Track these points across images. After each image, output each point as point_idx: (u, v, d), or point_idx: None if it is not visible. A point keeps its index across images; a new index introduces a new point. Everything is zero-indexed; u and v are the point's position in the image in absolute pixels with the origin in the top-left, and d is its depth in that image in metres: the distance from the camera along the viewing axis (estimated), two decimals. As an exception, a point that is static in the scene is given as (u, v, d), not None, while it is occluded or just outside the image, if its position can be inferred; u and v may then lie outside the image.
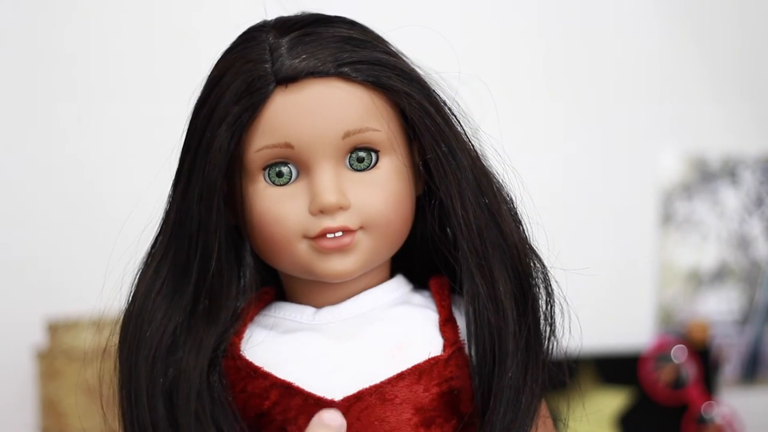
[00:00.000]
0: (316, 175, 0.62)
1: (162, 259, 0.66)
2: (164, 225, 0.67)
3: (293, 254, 0.63)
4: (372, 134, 0.62)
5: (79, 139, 1.34)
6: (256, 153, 0.62)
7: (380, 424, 0.62)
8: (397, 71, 0.63)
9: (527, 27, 1.45)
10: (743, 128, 1.52)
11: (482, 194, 0.64)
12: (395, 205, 0.64)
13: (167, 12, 1.33)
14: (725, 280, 1.55)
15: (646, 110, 1.49)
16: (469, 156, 0.64)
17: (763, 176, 1.54)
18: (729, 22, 1.51)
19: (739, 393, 1.55)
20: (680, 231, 1.52)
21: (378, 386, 0.62)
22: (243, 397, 0.64)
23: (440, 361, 0.64)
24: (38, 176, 1.35)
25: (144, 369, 0.64)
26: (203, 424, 0.62)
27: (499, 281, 0.63)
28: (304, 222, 0.62)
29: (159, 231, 0.67)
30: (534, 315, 0.64)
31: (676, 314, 1.53)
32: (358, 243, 0.63)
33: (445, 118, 0.64)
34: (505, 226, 0.64)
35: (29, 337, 1.30)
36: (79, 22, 1.32)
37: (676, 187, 1.52)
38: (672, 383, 1.47)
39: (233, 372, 0.65)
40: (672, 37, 1.48)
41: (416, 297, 0.68)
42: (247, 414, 0.64)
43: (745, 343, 1.56)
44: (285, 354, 0.65)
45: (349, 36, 0.63)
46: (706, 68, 1.50)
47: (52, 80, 1.33)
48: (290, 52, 0.61)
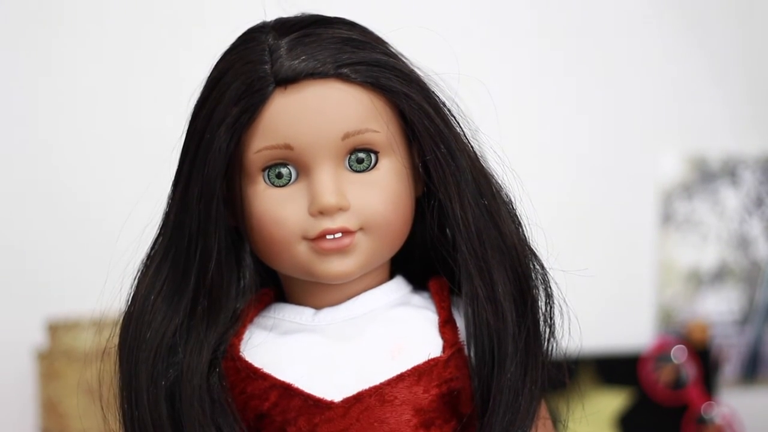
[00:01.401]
0: (316, 176, 0.62)
1: (162, 261, 0.66)
2: (164, 226, 0.67)
3: (293, 255, 0.63)
4: (371, 135, 0.62)
5: (79, 139, 1.34)
6: (256, 154, 0.62)
7: (380, 425, 0.62)
8: (396, 72, 0.63)
9: (527, 27, 1.45)
10: (743, 128, 1.52)
11: (481, 195, 0.64)
12: (394, 206, 0.63)
13: (167, 12, 1.33)
14: (725, 280, 1.55)
15: (647, 110, 1.49)
16: (468, 157, 0.64)
17: (763, 176, 1.54)
18: (729, 22, 1.51)
19: (739, 393, 1.55)
20: (680, 231, 1.52)
21: (377, 387, 0.62)
22: (243, 398, 0.64)
23: (440, 362, 0.64)
24: (38, 176, 1.35)
25: (144, 371, 0.64)
26: (204, 426, 0.62)
27: (498, 282, 0.63)
28: (304, 223, 0.62)
29: (159, 232, 0.68)
30: (533, 316, 0.64)
31: (676, 314, 1.53)
32: (358, 244, 0.63)
33: (445, 119, 0.64)
34: (504, 228, 0.64)
35: (29, 337, 1.31)
36: (78, 23, 1.32)
37: (676, 187, 1.52)
38: (672, 383, 1.47)
39: (233, 373, 0.65)
40: (672, 37, 1.48)
41: (416, 298, 0.68)
42: (247, 415, 0.64)
43: (745, 343, 1.56)
44: (285, 355, 0.65)
45: (348, 37, 0.63)
46: (706, 68, 1.50)
47: (53, 80, 1.33)
48: (290, 53, 0.61)
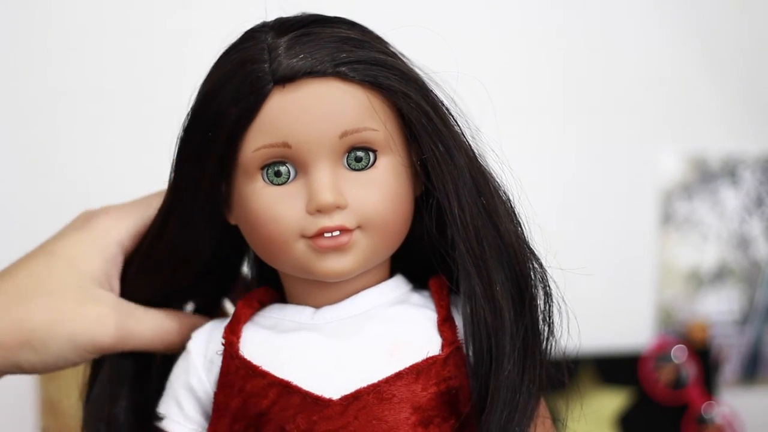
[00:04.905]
0: (314, 175, 0.62)
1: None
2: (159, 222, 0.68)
3: (291, 253, 0.63)
4: (370, 134, 0.63)
5: (79, 140, 1.34)
6: (254, 153, 0.62)
7: (378, 423, 0.62)
8: (395, 71, 0.63)
9: (527, 27, 1.45)
10: (743, 128, 1.52)
11: (479, 194, 0.64)
12: (393, 205, 0.64)
13: (166, 12, 1.33)
14: (725, 280, 1.55)
15: (646, 110, 1.49)
16: (466, 156, 0.64)
17: (763, 176, 1.54)
18: (729, 22, 1.51)
19: (739, 393, 1.55)
20: (680, 231, 1.53)
21: (375, 385, 0.62)
22: (242, 396, 0.65)
23: (438, 360, 0.64)
24: (38, 176, 1.35)
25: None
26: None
27: (496, 281, 0.63)
28: (302, 221, 0.62)
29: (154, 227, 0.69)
30: (532, 315, 0.64)
31: (676, 314, 1.53)
32: (356, 242, 0.63)
33: (443, 117, 0.64)
34: (503, 226, 0.64)
35: (29, 337, 1.30)
36: (76, 22, 1.32)
37: (676, 187, 1.52)
38: (672, 383, 1.47)
39: (232, 371, 0.65)
40: (672, 37, 1.48)
41: (415, 296, 0.68)
42: (246, 413, 0.64)
43: (745, 343, 1.56)
44: (284, 353, 0.65)
45: (347, 36, 0.63)
46: (706, 68, 1.50)
47: (53, 79, 1.33)
48: (288, 51, 0.61)
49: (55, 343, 0.67)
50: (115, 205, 0.73)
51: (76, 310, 0.67)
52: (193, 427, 0.69)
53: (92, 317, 0.68)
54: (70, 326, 0.67)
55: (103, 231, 0.71)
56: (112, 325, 0.68)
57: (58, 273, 0.68)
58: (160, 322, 0.71)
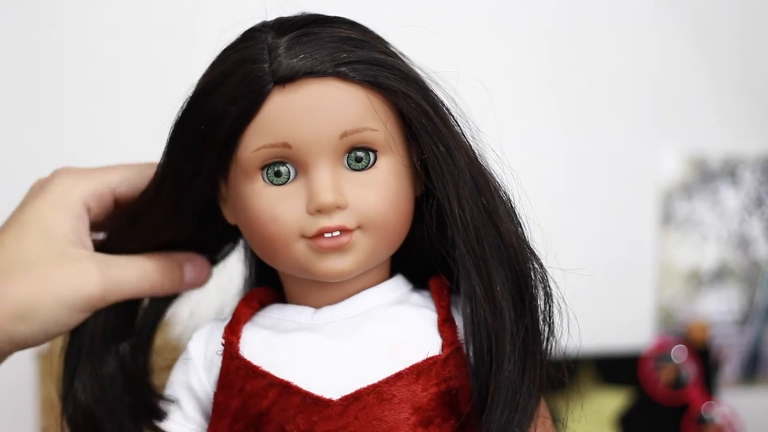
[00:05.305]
0: (314, 175, 0.62)
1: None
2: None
3: (291, 254, 0.63)
4: (370, 134, 0.63)
5: (78, 140, 1.34)
6: (254, 153, 0.62)
7: (378, 423, 0.62)
8: (395, 71, 0.63)
9: (526, 27, 1.45)
10: (743, 128, 1.52)
11: (480, 194, 0.64)
12: (393, 205, 0.64)
13: (166, 12, 1.33)
14: (725, 280, 1.55)
15: (646, 110, 1.49)
16: (466, 156, 0.64)
17: (763, 176, 1.54)
18: (729, 22, 1.50)
19: (739, 393, 1.55)
20: (680, 231, 1.52)
21: (376, 385, 0.62)
22: (242, 396, 0.65)
23: (438, 360, 0.64)
24: (38, 175, 1.35)
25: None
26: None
27: (496, 281, 0.63)
28: (302, 221, 0.62)
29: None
30: (532, 315, 0.64)
31: (676, 314, 1.53)
32: (356, 242, 0.63)
33: (443, 117, 0.64)
34: (503, 226, 0.64)
35: (29, 337, 1.30)
36: (76, 22, 1.32)
37: (676, 187, 1.52)
38: (672, 383, 1.47)
39: (232, 371, 0.65)
40: (672, 37, 1.48)
41: (415, 297, 0.68)
42: (246, 413, 0.64)
43: (745, 343, 1.56)
44: (284, 353, 0.65)
45: (347, 36, 0.63)
46: (706, 68, 1.50)
47: (52, 77, 1.33)
48: (288, 51, 0.61)
49: (44, 309, 0.67)
50: (71, 167, 0.73)
51: (57, 272, 0.67)
52: (193, 428, 0.69)
53: (74, 274, 0.67)
54: (54, 289, 0.67)
55: (64, 190, 0.71)
56: (95, 276, 0.68)
57: (31, 241, 0.68)
58: (141, 264, 0.71)
